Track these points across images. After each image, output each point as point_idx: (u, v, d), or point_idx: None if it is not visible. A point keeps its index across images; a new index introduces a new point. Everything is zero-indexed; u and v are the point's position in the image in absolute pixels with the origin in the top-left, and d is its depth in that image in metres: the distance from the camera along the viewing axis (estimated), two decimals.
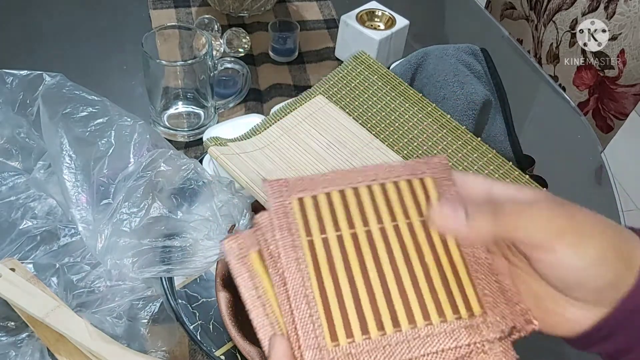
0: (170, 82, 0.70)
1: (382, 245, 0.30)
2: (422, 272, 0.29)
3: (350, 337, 0.27)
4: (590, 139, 0.81)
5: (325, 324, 0.27)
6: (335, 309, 0.28)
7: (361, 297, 0.28)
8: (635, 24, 0.97)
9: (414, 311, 0.28)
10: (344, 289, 0.28)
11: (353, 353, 0.27)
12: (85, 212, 0.51)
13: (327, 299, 0.28)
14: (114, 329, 0.50)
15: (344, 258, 0.29)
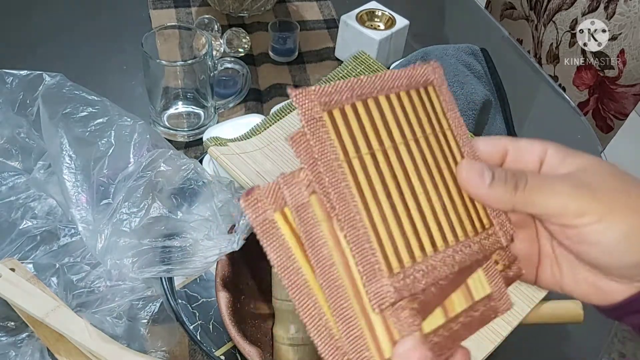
0: (170, 82, 0.70)
1: (409, 161, 0.29)
2: (444, 189, 0.30)
3: (401, 262, 0.27)
4: (590, 139, 0.81)
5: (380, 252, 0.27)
6: (384, 234, 0.27)
7: (402, 219, 0.28)
8: (635, 24, 0.97)
9: (444, 229, 0.29)
10: (387, 211, 0.28)
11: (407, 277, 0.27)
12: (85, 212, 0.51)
13: (375, 225, 0.27)
14: (114, 329, 0.50)
15: (381, 178, 0.28)
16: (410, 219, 0.28)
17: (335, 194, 0.27)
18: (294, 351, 0.49)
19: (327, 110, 0.28)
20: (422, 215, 0.29)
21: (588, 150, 0.80)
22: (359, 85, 0.30)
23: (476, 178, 0.29)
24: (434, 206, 0.29)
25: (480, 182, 0.29)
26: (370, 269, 0.26)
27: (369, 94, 0.30)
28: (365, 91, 0.30)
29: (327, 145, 0.28)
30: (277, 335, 0.50)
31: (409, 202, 0.28)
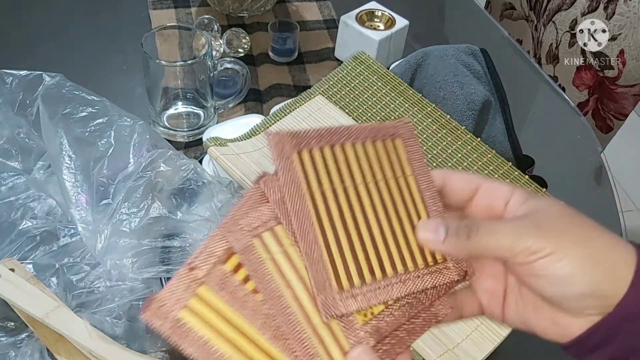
0: (170, 83, 0.70)
1: (367, 199, 0.33)
2: (398, 225, 0.33)
3: (351, 281, 0.31)
4: (590, 140, 0.81)
5: (331, 270, 0.30)
6: (337, 257, 0.31)
7: (355, 247, 0.31)
8: (635, 24, 0.97)
9: (394, 260, 0.32)
10: (342, 238, 0.31)
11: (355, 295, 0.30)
12: (85, 212, 0.51)
13: (330, 248, 0.31)
14: (114, 329, 0.50)
15: (339, 210, 0.32)
16: (363, 247, 0.32)
17: (296, 219, 0.31)
18: None
19: (298, 151, 0.32)
20: (374, 246, 0.32)
21: (588, 150, 0.80)
22: (328, 133, 0.34)
23: (431, 236, 0.32)
24: (387, 239, 0.32)
25: (435, 238, 0.32)
26: (321, 283, 0.30)
27: (337, 141, 0.34)
28: (333, 138, 0.34)
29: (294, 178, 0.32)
30: None
31: (364, 233, 0.32)
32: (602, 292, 0.29)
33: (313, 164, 0.33)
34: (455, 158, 0.59)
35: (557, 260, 0.29)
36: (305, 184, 0.32)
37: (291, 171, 0.32)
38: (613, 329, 0.29)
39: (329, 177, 0.33)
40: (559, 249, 0.29)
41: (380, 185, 0.34)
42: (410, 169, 0.35)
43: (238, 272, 0.31)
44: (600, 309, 0.29)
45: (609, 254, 0.30)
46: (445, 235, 0.32)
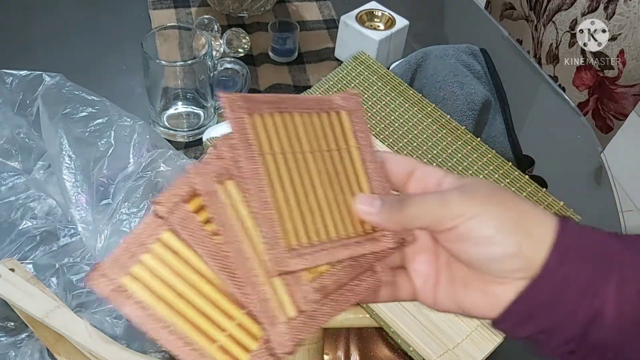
0: (170, 83, 0.70)
1: (313, 167, 0.35)
2: (341, 193, 0.35)
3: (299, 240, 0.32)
4: (590, 140, 0.81)
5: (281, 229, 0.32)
6: (286, 216, 0.32)
7: (303, 209, 0.33)
8: (635, 24, 0.97)
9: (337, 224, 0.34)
10: (291, 200, 0.33)
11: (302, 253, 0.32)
12: (85, 212, 0.51)
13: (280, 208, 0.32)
14: (114, 329, 0.50)
15: (289, 174, 0.34)
16: (311, 210, 0.33)
17: (250, 177, 0.32)
18: None
19: (249, 114, 0.34)
20: (320, 210, 0.34)
21: (588, 150, 0.80)
22: (279, 100, 0.36)
23: (366, 208, 0.34)
24: (331, 205, 0.34)
25: (370, 210, 0.34)
26: (271, 240, 0.31)
27: (285, 110, 0.36)
28: (282, 106, 0.36)
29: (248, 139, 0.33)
30: None
31: (310, 198, 0.34)
32: (525, 253, 0.30)
33: (264, 127, 0.34)
34: (455, 158, 0.59)
35: (481, 222, 0.30)
36: (258, 145, 0.33)
37: (245, 132, 0.33)
38: (536, 296, 0.30)
39: (280, 142, 0.34)
40: (482, 212, 0.30)
41: (325, 156, 0.36)
42: (355, 141, 0.37)
43: (199, 213, 0.32)
44: (525, 272, 0.30)
45: (531, 218, 0.31)
46: (380, 208, 0.34)
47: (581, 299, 0.29)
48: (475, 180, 0.34)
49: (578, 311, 0.29)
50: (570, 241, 0.30)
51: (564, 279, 0.30)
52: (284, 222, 0.32)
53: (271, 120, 0.35)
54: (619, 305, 0.29)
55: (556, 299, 0.30)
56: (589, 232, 0.31)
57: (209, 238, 0.31)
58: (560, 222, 0.31)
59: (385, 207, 0.34)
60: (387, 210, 0.33)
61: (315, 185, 0.34)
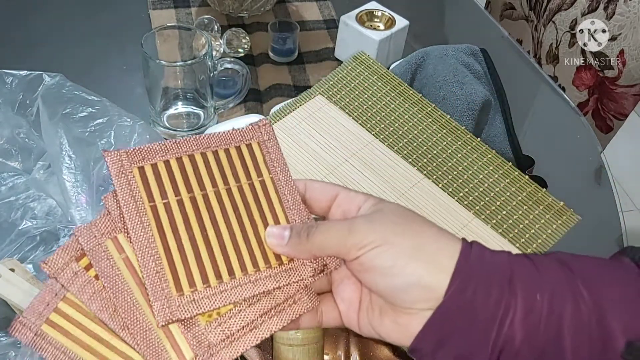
0: (170, 83, 0.70)
1: (217, 206, 0.34)
2: (250, 227, 0.34)
3: (193, 286, 0.32)
4: (590, 140, 0.81)
5: (171, 277, 0.32)
6: (179, 264, 0.32)
7: (201, 253, 0.33)
8: (635, 24, 0.97)
9: (245, 261, 0.33)
10: (186, 246, 0.33)
11: (196, 299, 0.32)
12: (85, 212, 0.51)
13: (172, 256, 0.32)
14: None
15: (185, 219, 0.34)
16: (210, 251, 0.33)
17: (132, 230, 0.32)
18: (293, 351, 0.49)
19: (138, 166, 0.34)
20: (223, 250, 0.33)
21: (588, 150, 0.80)
22: (174, 145, 0.35)
23: (275, 241, 0.34)
24: (238, 242, 0.34)
25: (279, 243, 0.34)
26: (156, 290, 0.31)
27: (184, 152, 0.35)
28: (180, 150, 0.35)
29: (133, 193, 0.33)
30: (277, 335, 0.50)
31: (211, 240, 0.33)
32: (426, 282, 0.30)
33: (156, 176, 0.34)
34: (455, 158, 0.59)
35: (382, 252, 0.30)
36: (147, 198, 0.33)
37: (130, 187, 0.33)
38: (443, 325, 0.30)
39: (175, 188, 0.34)
40: (384, 242, 0.30)
41: (233, 191, 0.35)
42: (268, 171, 0.37)
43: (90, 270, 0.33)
44: (430, 302, 0.30)
45: (432, 246, 0.31)
46: (288, 239, 0.33)
47: (489, 325, 0.29)
48: (389, 207, 0.33)
49: (488, 338, 0.29)
50: (474, 267, 0.30)
51: (469, 305, 0.29)
52: (177, 271, 0.32)
53: (165, 167, 0.35)
54: (527, 330, 0.29)
55: (463, 326, 0.30)
56: (492, 255, 0.31)
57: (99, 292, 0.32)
58: (463, 248, 0.31)
59: (293, 237, 0.33)
60: (295, 240, 0.33)
61: (219, 225, 0.34)
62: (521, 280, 0.30)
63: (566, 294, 0.29)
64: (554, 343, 0.29)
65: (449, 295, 0.29)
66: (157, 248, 0.32)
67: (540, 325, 0.29)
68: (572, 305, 0.29)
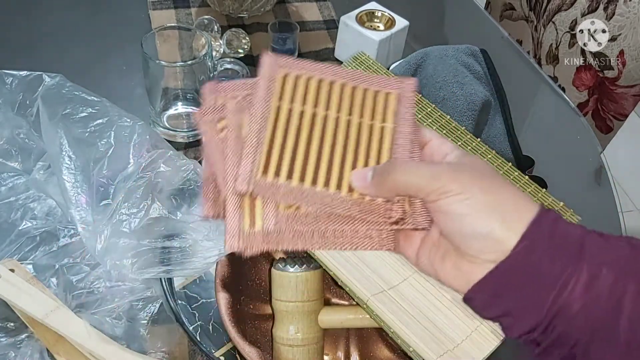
0: (169, 83, 0.70)
1: (331, 128, 0.36)
2: (351, 159, 0.36)
3: (277, 176, 0.34)
4: (590, 140, 0.81)
5: (264, 160, 0.34)
6: (275, 154, 0.35)
7: (297, 156, 0.35)
8: (635, 24, 0.97)
9: (331, 179, 0.35)
10: (288, 145, 0.35)
11: (274, 185, 0.34)
12: (85, 212, 0.51)
13: (273, 146, 0.35)
14: (114, 329, 0.50)
15: (298, 127, 0.36)
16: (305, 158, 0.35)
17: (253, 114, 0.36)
18: (293, 352, 0.49)
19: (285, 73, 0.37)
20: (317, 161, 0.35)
21: (588, 150, 0.80)
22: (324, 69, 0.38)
23: (360, 182, 0.35)
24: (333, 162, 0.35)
25: (363, 183, 0.35)
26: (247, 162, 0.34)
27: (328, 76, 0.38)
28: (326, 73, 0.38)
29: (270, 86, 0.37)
30: (277, 336, 0.50)
31: (311, 150, 0.35)
32: (497, 236, 0.31)
33: (294, 84, 0.37)
34: None
35: (460, 201, 0.31)
36: (278, 96, 0.37)
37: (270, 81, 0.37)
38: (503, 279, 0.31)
39: (304, 99, 0.37)
40: (464, 192, 0.32)
41: (352, 122, 0.37)
42: (393, 121, 0.38)
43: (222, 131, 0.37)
44: (495, 254, 0.31)
45: (509, 205, 0.32)
46: (371, 178, 0.34)
47: (548, 289, 0.30)
48: (474, 161, 0.35)
49: (544, 301, 0.30)
50: (545, 232, 0.31)
51: (533, 267, 0.30)
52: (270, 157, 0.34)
53: (305, 80, 0.37)
54: (586, 301, 0.29)
55: (522, 284, 0.31)
56: (566, 225, 0.32)
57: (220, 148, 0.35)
58: (539, 213, 0.32)
59: (376, 175, 0.34)
60: (378, 178, 0.34)
61: (324, 144, 0.36)
62: (590, 253, 0.30)
63: (631, 275, 0.30)
64: (611, 320, 0.29)
65: (515, 252, 0.31)
66: (266, 132, 0.35)
67: (600, 299, 0.29)
68: (635, 287, 0.29)
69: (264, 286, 0.55)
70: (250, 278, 0.55)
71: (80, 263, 0.54)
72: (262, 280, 0.56)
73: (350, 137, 0.36)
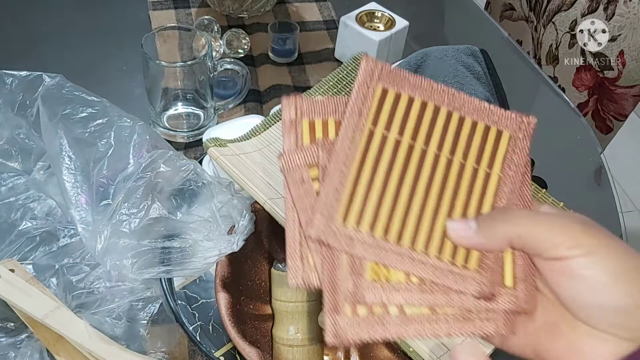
0: (169, 83, 0.70)
1: (428, 168, 0.31)
2: (446, 210, 0.30)
3: (359, 224, 0.29)
4: (590, 140, 0.81)
5: (345, 202, 0.29)
6: (359, 195, 0.29)
7: (384, 201, 0.30)
8: (635, 25, 0.97)
9: (419, 235, 0.29)
10: (375, 184, 0.30)
11: (353, 237, 0.28)
12: (85, 213, 0.51)
13: (358, 184, 0.29)
14: (114, 329, 0.50)
15: (391, 161, 0.30)
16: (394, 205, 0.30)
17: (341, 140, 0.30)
18: (293, 352, 0.49)
19: (383, 87, 0.31)
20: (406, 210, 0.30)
21: (588, 151, 0.80)
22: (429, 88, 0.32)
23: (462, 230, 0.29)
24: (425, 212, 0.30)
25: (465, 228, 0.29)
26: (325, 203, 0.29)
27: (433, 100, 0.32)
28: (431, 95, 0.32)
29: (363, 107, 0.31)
30: (277, 336, 0.50)
31: (402, 194, 0.30)
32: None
33: (392, 106, 0.31)
34: None
35: (598, 262, 0.25)
36: (371, 120, 0.31)
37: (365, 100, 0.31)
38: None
39: (402, 127, 0.31)
40: (603, 250, 0.26)
41: (453, 164, 0.31)
42: (500, 169, 0.32)
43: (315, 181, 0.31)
44: (633, 332, 0.25)
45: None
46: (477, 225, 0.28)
47: None
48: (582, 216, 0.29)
49: None
50: None
51: None
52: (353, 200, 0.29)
53: (406, 103, 0.31)
54: None
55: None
56: None
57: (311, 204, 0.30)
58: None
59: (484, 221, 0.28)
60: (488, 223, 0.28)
61: (418, 187, 0.30)
62: None
63: None
64: None
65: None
66: (351, 168, 0.30)
67: None
68: None
69: (264, 286, 0.55)
70: (250, 278, 0.55)
71: (80, 263, 0.54)
72: (262, 280, 0.56)
73: (448, 181, 0.31)
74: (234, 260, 0.52)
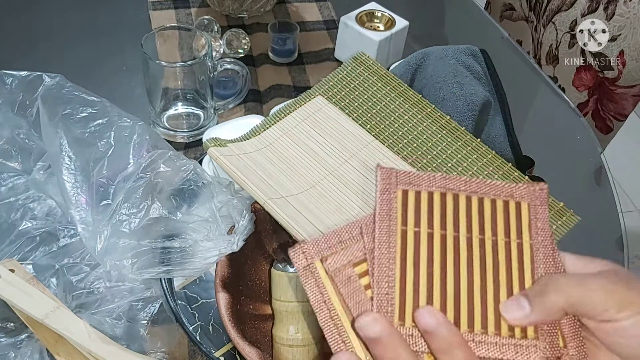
0: (169, 83, 0.70)
1: (465, 252, 0.33)
2: (492, 287, 0.32)
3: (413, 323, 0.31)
4: (590, 140, 0.81)
5: (398, 304, 0.31)
6: (409, 294, 0.31)
7: (434, 292, 0.31)
8: (635, 25, 0.97)
9: (474, 317, 0.31)
10: (422, 280, 0.32)
11: (414, 335, 0.30)
12: (85, 213, 0.51)
13: (405, 284, 0.31)
14: (114, 330, 0.50)
15: (429, 254, 0.32)
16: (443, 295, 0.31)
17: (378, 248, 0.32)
18: (293, 352, 0.49)
19: (403, 189, 0.34)
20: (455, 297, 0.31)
21: (588, 151, 0.80)
22: (443, 180, 0.34)
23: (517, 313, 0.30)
24: (473, 295, 0.32)
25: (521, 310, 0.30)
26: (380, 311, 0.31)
27: (450, 190, 0.34)
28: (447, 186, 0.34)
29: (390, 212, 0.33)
30: (277, 336, 0.50)
31: (448, 283, 0.32)
32: None
33: (416, 204, 0.34)
34: (455, 159, 0.59)
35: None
36: (401, 220, 0.33)
37: (390, 206, 0.33)
38: None
39: (430, 220, 0.33)
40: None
41: (487, 243, 0.33)
42: (529, 236, 0.34)
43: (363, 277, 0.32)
44: None
45: None
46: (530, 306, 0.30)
47: None
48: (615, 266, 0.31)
49: None
50: None
51: None
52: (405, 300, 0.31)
53: (427, 197, 0.34)
54: None
55: None
56: None
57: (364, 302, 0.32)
58: None
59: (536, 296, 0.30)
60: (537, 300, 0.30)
61: (461, 272, 0.32)
62: None
63: None
64: None
65: None
66: (395, 271, 0.32)
67: None
68: None
69: (264, 286, 0.55)
70: (250, 278, 0.55)
71: (80, 263, 0.54)
72: (262, 280, 0.56)
73: (486, 260, 0.33)
74: (234, 260, 0.52)
